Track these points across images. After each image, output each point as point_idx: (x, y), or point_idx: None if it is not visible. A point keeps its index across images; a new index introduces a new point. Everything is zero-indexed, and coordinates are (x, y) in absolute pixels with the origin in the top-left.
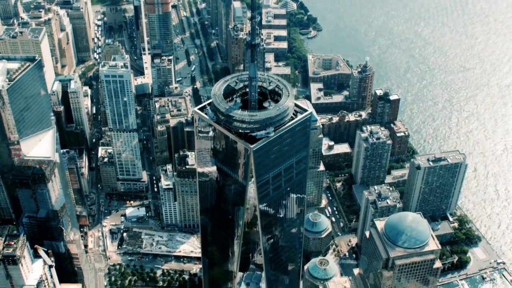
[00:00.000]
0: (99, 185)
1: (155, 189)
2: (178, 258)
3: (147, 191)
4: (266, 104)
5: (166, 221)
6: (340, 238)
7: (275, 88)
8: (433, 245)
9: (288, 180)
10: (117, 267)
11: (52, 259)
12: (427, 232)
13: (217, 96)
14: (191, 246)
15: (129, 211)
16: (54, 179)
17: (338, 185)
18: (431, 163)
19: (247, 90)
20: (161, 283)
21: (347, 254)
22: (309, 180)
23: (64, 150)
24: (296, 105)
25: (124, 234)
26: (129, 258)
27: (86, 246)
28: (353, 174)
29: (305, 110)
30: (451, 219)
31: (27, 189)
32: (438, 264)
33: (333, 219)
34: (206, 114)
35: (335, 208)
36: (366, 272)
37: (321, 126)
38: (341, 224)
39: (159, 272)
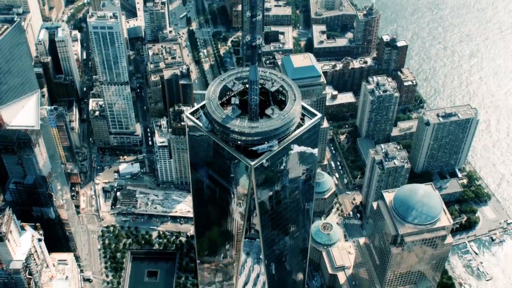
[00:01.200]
0: (90, 139)
1: (150, 143)
2: (174, 219)
3: (141, 145)
4: (269, 112)
5: (161, 178)
6: (344, 196)
7: (279, 88)
8: (445, 220)
9: (293, 191)
10: (111, 229)
11: (41, 232)
12: (439, 207)
13: (212, 102)
14: (188, 205)
15: (123, 167)
16: (41, 143)
17: (342, 137)
18: (440, 118)
19: (247, 88)
20: (157, 246)
21: (351, 213)
22: None
23: (52, 107)
24: (303, 107)
25: (118, 193)
26: (123, 219)
27: (78, 206)
28: (357, 127)
29: (314, 115)
30: (459, 175)
31: (12, 155)
32: (449, 239)
33: (337, 175)
34: (198, 119)
35: (338, 163)
36: (373, 242)
37: (325, 82)
38: (345, 181)
39: (154, 234)
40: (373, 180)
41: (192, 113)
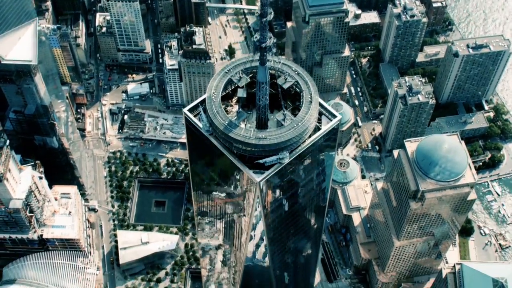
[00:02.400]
0: (98, 55)
1: (160, 61)
2: (184, 145)
3: (151, 63)
4: (279, 117)
5: (171, 100)
6: (363, 125)
7: (293, 85)
8: (470, 176)
9: (305, 195)
10: (118, 155)
11: (41, 169)
12: (464, 162)
13: (213, 102)
14: None
15: (131, 87)
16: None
17: (364, 61)
18: (470, 50)
19: (254, 79)
20: (165, 174)
21: (369, 145)
22: (332, 62)
23: (55, 26)
24: (320, 105)
25: (125, 116)
26: (131, 144)
27: (83, 130)
28: (381, 50)
29: (333, 115)
30: (486, 107)
31: (11, 85)
32: (473, 195)
33: (356, 102)
34: (199, 119)
35: (359, 89)
36: (391, 192)
37: (348, 10)
38: (365, 109)
39: (163, 162)
40: (395, 114)
41: (192, 110)
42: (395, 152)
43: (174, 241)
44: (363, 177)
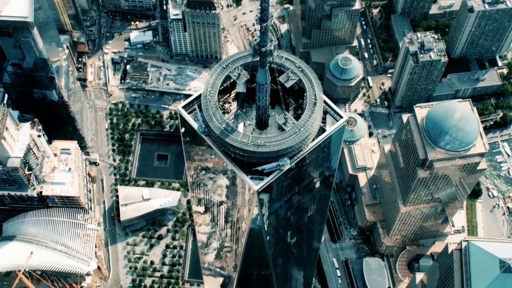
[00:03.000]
0: (99, 1)
1: (164, 7)
2: (188, 97)
3: (155, 10)
4: (280, 121)
5: (175, 50)
6: (372, 79)
7: (295, 83)
8: (481, 146)
9: (304, 197)
10: (120, 106)
11: (40, 127)
12: (476, 132)
13: (209, 101)
14: (203, 83)
15: (134, 35)
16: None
17: (375, 12)
18: (486, 5)
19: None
20: (168, 128)
21: (378, 101)
22: (342, 15)
23: None
24: (325, 102)
25: (128, 66)
26: (133, 95)
27: (84, 79)
28: (393, 1)
29: (339, 116)
30: (500, 63)
31: (8, 38)
32: (483, 165)
33: (366, 54)
34: (194, 118)
35: (369, 41)
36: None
37: None
38: (375, 62)
39: (166, 114)
40: (405, 71)
41: (187, 106)
42: (404, 117)
43: (176, 197)
44: (371, 134)
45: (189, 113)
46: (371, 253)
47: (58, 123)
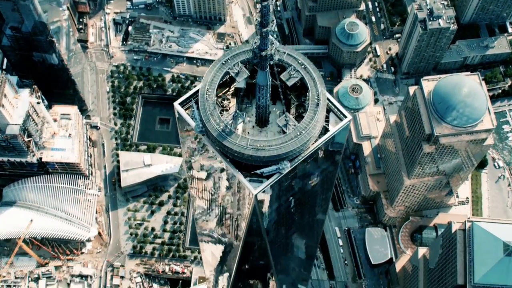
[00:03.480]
0: None
1: None
2: (190, 60)
3: None
4: (281, 122)
5: (178, 10)
6: (378, 43)
7: (298, 81)
8: (488, 122)
9: (304, 194)
10: (121, 68)
11: (39, 94)
12: (484, 107)
13: (207, 100)
14: (206, 45)
15: None
16: None
17: None
18: None
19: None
20: (170, 91)
21: (384, 66)
22: None
23: None
24: (329, 101)
25: (130, 27)
26: (135, 57)
27: (85, 41)
28: None
29: (344, 115)
30: (510, 29)
31: (7, 1)
32: (490, 141)
33: (373, 18)
34: (191, 115)
35: (376, 4)
36: (404, 129)
37: None
38: (382, 26)
39: (168, 77)
40: (413, 38)
41: (184, 103)
42: (411, 90)
43: (178, 163)
44: (376, 101)
45: (186, 109)
46: (373, 223)
47: (58, 86)
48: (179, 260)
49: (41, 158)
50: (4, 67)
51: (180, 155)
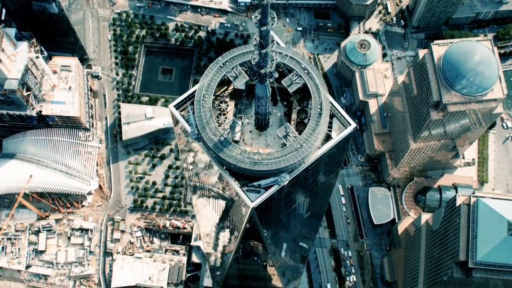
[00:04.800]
0: None
1: None
2: (195, 8)
3: None
4: (281, 133)
5: None
6: None
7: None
8: (499, 91)
9: (304, 202)
10: (124, 16)
11: (38, 48)
12: (495, 76)
13: (203, 107)
14: None
15: None
16: None
17: None
18: None
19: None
20: (173, 41)
21: (394, 19)
22: None
23: None
24: (332, 106)
25: None
26: (138, 5)
27: None
28: None
29: (348, 122)
30: None
31: None
32: (499, 109)
33: None
34: (187, 120)
35: None
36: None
37: None
38: None
39: (171, 26)
40: None
41: (178, 106)
42: (421, 53)
43: None
44: (384, 55)
45: (181, 110)
46: (377, 181)
47: (59, 35)
48: (180, 215)
49: (40, 112)
50: (3, 17)
51: None
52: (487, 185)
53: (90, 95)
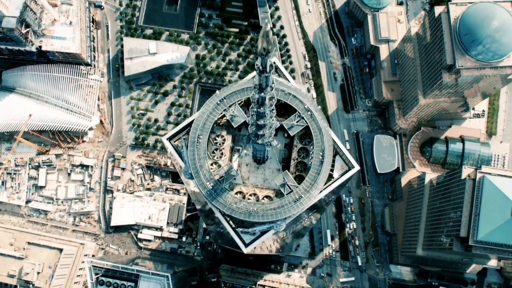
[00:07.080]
0: None
1: None
2: None
3: None
4: (278, 181)
5: None
6: None
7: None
8: None
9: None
10: None
11: None
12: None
13: (197, 152)
14: None
15: None
16: None
17: None
18: None
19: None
20: None
21: None
22: None
23: None
24: (335, 142)
25: None
26: None
27: None
28: None
29: (352, 164)
30: None
31: None
32: None
33: None
34: (180, 154)
35: None
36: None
37: None
38: None
39: None
40: None
41: (171, 137)
42: (437, 10)
43: (185, 53)
44: (401, 3)
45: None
46: (383, 128)
47: None
48: None
49: (40, 47)
50: None
51: (187, 42)
52: (495, 137)
53: (92, 26)
